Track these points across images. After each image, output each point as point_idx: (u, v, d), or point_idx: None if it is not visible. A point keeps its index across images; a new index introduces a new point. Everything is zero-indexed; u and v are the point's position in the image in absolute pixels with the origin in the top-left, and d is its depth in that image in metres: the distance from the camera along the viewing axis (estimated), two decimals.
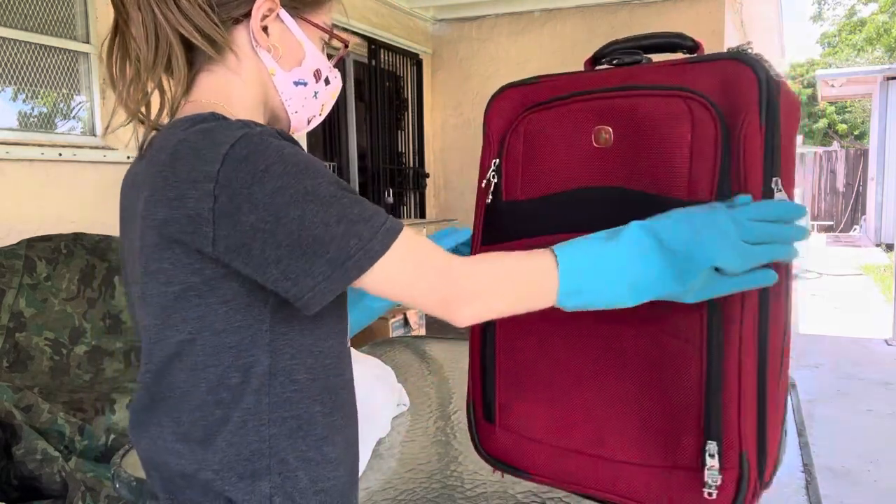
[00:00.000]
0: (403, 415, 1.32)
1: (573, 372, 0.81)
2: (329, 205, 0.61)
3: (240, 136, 0.62)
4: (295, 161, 0.62)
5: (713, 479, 0.70)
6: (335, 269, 0.61)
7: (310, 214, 0.60)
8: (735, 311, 0.69)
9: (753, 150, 0.69)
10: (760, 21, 6.98)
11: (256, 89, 0.77)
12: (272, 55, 0.76)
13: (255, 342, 0.66)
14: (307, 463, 0.70)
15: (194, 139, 0.63)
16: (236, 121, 0.66)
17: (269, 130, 0.65)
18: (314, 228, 0.60)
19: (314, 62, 0.79)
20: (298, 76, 0.78)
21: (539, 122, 0.83)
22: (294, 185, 0.61)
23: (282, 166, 0.61)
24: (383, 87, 5.52)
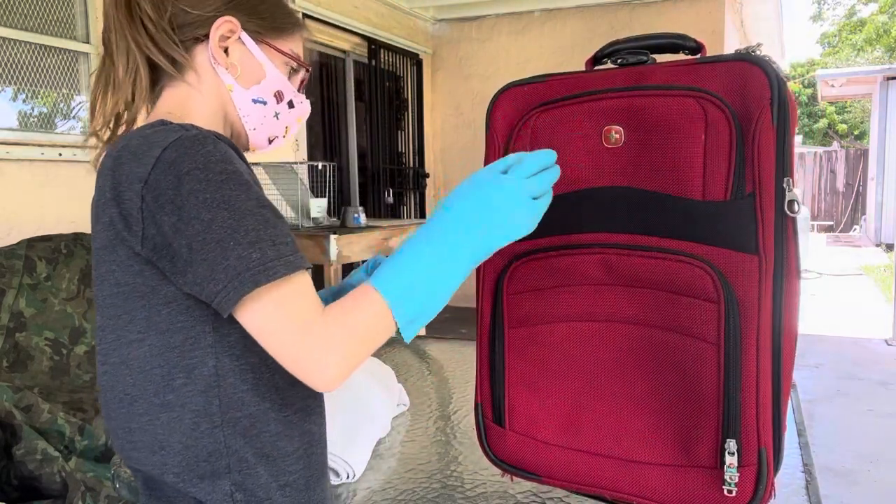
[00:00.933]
0: (403, 415, 1.32)
1: (586, 372, 0.81)
2: (242, 216, 0.63)
3: (174, 139, 0.65)
4: (220, 169, 0.64)
5: (732, 477, 0.71)
6: (232, 279, 0.61)
7: (219, 220, 0.62)
8: (752, 309, 0.70)
9: (767, 150, 0.70)
10: (760, 21, 6.98)
11: (215, 103, 0.81)
12: (231, 73, 0.80)
13: (199, 343, 0.68)
14: (265, 459, 0.71)
15: (136, 143, 0.67)
16: (178, 125, 0.68)
17: (208, 135, 0.67)
18: (220, 233, 0.62)
19: (275, 84, 0.83)
20: (257, 94, 0.82)
21: (547, 121, 0.83)
22: (211, 191, 0.63)
23: (203, 172, 0.63)
24: (383, 87, 5.52)
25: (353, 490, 1.01)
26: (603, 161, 0.79)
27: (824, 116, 20.77)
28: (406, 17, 5.84)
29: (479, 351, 0.89)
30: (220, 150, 0.66)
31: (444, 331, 5.30)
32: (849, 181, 14.86)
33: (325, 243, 3.35)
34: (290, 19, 0.86)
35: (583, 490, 0.83)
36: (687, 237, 0.73)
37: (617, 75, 0.80)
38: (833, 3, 20.78)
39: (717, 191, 0.72)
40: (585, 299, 0.80)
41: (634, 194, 0.76)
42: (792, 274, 0.71)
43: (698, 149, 0.73)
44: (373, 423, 1.17)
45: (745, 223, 0.71)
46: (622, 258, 0.77)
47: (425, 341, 1.91)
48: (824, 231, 14.61)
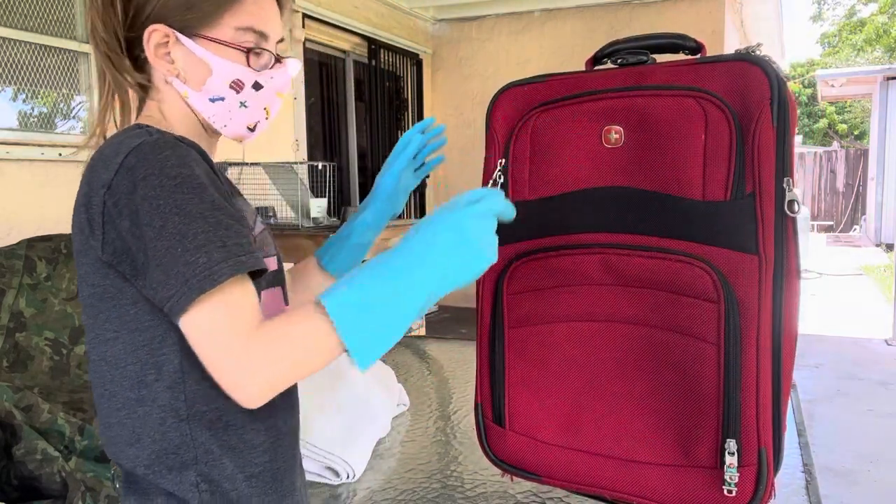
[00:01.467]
0: (403, 415, 1.32)
1: (586, 372, 0.81)
2: (191, 220, 0.63)
3: (135, 145, 0.67)
4: (174, 174, 0.65)
5: (732, 477, 0.71)
6: (181, 286, 0.61)
7: (170, 226, 0.63)
8: (752, 309, 0.70)
9: (767, 150, 0.70)
10: (760, 21, 6.98)
11: (180, 112, 0.80)
12: (180, 79, 0.78)
13: (165, 341, 0.69)
14: (231, 451, 0.73)
15: (107, 150, 0.69)
16: (146, 129, 0.70)
17: (168, 140, 0.68)
18: (170, 240, 0.62)
19: (226, 75, 0.79)
20: (211, 93, 0.79)
21: (547, 121, 0.83)
22: (164, 196, 0.63)
23: (158, 178, 0.64)
24: (383, 87, 5.52)
25: (353, 490, 1.01)
26: (603, 161, 0.79)
27: (824, 116, 20.76)
28: (406, 17, 5.84)
29: (479, 351, 0.89)
30: (178, 155, 0.66)
31: (444, 331, 5.30)
32: (849, 181, 14.86)
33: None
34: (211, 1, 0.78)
35: (583, 490, 0.83)
36: (687, 237, 0.73)
37: (617, 75, 0.80)
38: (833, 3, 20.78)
39: (717, 191, 0.72)
40: (585, 299, 0.80)
41: (634, 194, 0.76)
42: (792, 274, 0.71)
43: (698, 149, 0.73)
44: (373, 423, 1.17)
45: (745, 223, 0.71)
46: (622, 258, 0.77)
47: (425, 341, 1.91)
48: (824, 231, 14.61)
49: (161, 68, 0.78)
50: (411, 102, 6.00)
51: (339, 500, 0.98)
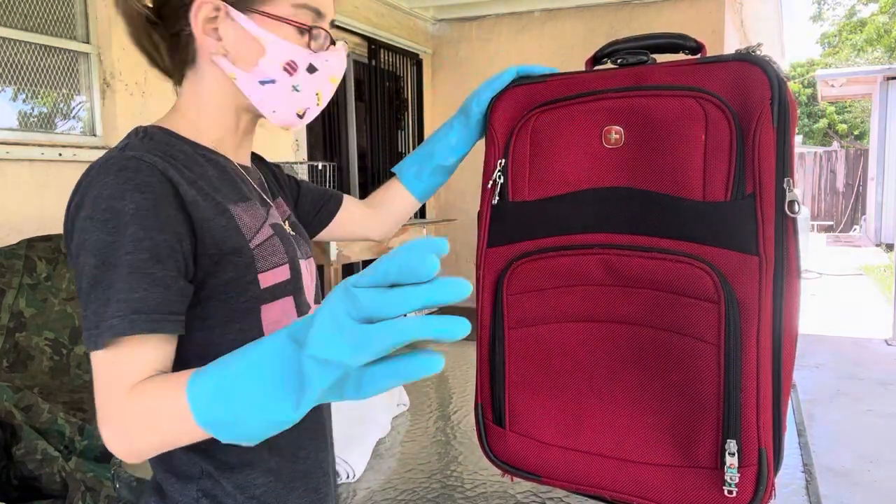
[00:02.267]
0: (403, 415, 1.31)
1: (586, 373, 0.81)
2: (106, 267, 0.61)
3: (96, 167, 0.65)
4: (104, 206, 0.62)
5: (732, 478, 0.71)
6: (89, 329, 0.61)
7: (88, 268, 0.61)
8: (752, 310, 0.70)
9: (768, 150, 0.70)
10: (760, 21, 6.98)
11: (222, 94, 0.74)
12: (229, 59, 0.72)
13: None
14: (230, 471, 0.71)
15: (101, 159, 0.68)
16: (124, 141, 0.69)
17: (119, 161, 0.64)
18: (88, 281, 0.62)
19: (280, 56, 0.72)
20: (262, 75, 0.72)
21: (547, 121, 0.83)
22: (89, 232, 0.62)
23: (90, 210, 0.63)
24: (383, 87, 5.52)
25: (353, 490, 1.01)
26: (603, 161, 0.79)
27: (824, 116, 20.76)
28: (406, 17, 5.84)
29: (479, 351, 0.89)
30: (120, 181, 0.63)
31: None
32: (849, 181, 14.85)
33: (324, 243, 3.35)
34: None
35: (583, 490, 0.83)
36: (687, 237, 0.73)
37: (617, 75, 0.80)
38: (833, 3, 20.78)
39: (718, 191, 0.72)
40: (586, 300, 0.80)
41: (634, 195, 0.76)
42: (792, 274, 0.71)
43: (698, 149, 0.73)
44: (373, 423, 1.17)
45: (745, 223, 0.71)
46: (622, 258, 0.77)
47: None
48: (824, 231, 14.61)
49: (208, 46, 0.71)
50: (411, 102, 6.00)
51: (339, 500, 0.98)
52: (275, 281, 0.73)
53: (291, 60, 0.73)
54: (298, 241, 0.83)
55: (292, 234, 0.82)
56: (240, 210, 0.72)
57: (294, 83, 0.74)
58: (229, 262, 0.68)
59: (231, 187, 0.74)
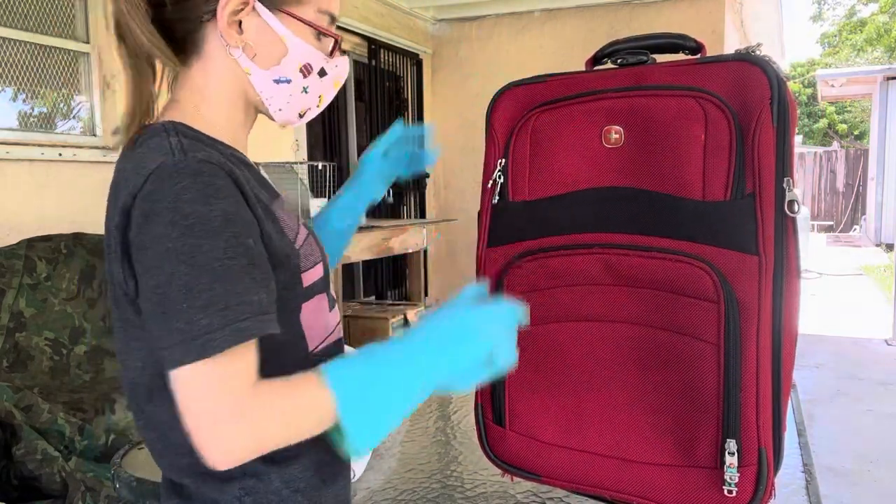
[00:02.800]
0: None
1: (586, 373, 0.81)
2: (200, 272, 0.58)
3: (154, 168, 0.61)
4: (188, 211, 0.59)
5: (732, 477, 0.71)
6: (179, 343, 0.58)
7: (177, 277, 0.58)
8: (752, 310, 0.70)
9: (768, 150, 0.70)
10: (760, 21, 6.98)
11: (232, 88, 0.73)
12: (246, 53, 0.71)
13: None
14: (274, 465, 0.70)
15: (131, 166, 0.64)
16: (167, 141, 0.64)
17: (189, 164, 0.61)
18: (176, 291, 0.58)
19: (300, 57, 0.73)
20: (279, 74, 0.73)
21: (547, 121, 0.83)
22: (173, 239, 0.58)
23: (170, 214, 0.59)
24: (383, 87, 5.52)
25: (353, 490, 1.01)
26: (603, 161, 0.79)
27: (824, 116, 20.76)
28: (406, 17, 5.84)
29: None
30: (199, 185, 0.60)
31: None
32: (849, 181, 14.86)
33: None
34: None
35: (583, 490, 0.83)
36: (687, 237, 0.73)
37: (617, 75, 0.80)
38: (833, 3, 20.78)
39: (717, 191, 0.72)
40: (586, 299, 0.80)
41: (634, 194, 0.76)
42: (792, 274, 0.71)
43: (698, 149, 0.73)
44: None
45: (745, 223, 0.71)
46: (622, 258, 0.77)
47: None
48: (824, 231, 14.61)
49: (229, 38, 0.70)
50: (411, 102, 6.00)
51: None
52: (314, 279, 0.74)
53: (308, 63, 0.74)
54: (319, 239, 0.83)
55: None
56: (280, 211, 0.73)
57: (305, 85, 0.75)
58: (282, 264, 0.68)
59: (263, 187, 0.73)
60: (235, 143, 0.75)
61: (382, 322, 3.82)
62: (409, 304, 4.33)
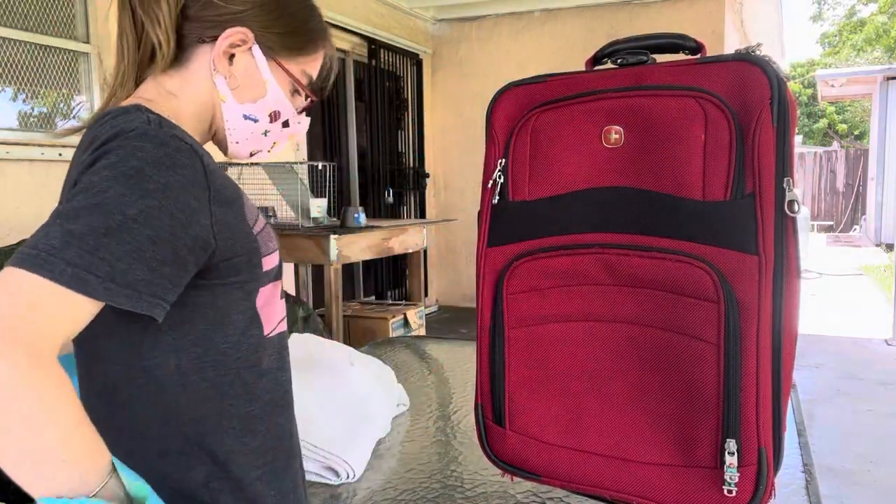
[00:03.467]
0: (403, 415, 1.31)
1: (586, 372, 0.81)
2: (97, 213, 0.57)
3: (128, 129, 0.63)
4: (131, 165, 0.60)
5: (732, 477, 0.71)
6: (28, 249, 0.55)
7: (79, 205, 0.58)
8: (752, 310, 0.70)
9: (768, 150, 0.70)
10: (760, 21, 6.97)
11: (202, 108, 0.78)
12: (229, 84, 0.76)
13: (158, 344, 0.68)
14: (233, 454, 0.72)
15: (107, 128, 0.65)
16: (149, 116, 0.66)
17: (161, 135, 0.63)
18: (66, 213, 0.57)
19: (274, 104, 0.80)
20: (250, 112, 0.79)
21: (547, 121, 0.83)
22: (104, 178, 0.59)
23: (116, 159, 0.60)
24: (383, 87, 5.52)
25: (353, 490, 1.01)
26: (603, 161, 0.79)
27: (824, 116, 20.77)
28: (406, 17, 5.84)
29: (480, 351, 0.89)
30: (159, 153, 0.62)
31: (444, 331, 5.30)
32: (849, 181, 14.86)
33: (325, 243, 3.35)
34: (309, 38, 0.81)
35: (583, 490, 0.83)
36: (687, 237, 0.73)
37: (617, 75, 0.80)
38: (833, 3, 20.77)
39: (717, 191, 0.72)
40: (585, 299, 0.80)
41: (634, 194, 0.76)
42: (792, 274, 0.71)
43: (698, 149, 0.73)
44: (373, 423, 1.17)
45: (745, 223, 0.71)
46: (622, 258, 0.77)
47: (425, 341, 1.91)
48: (824, 231, 14.61)
49: (219, 66, 0.76)
50: (411, 102, 6.00)
51: (339, 500, 0.98)
52: (271, 265, 0.77)
53: (278, 111, 0.81)
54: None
55: None
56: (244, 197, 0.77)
57: (267, 129, 0.81)
58: (242, 247, 0.71)
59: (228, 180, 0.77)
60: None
61: (382, 322, 3.82)
62: (409, 304, 4.33)
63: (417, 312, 4.08)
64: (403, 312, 3.96)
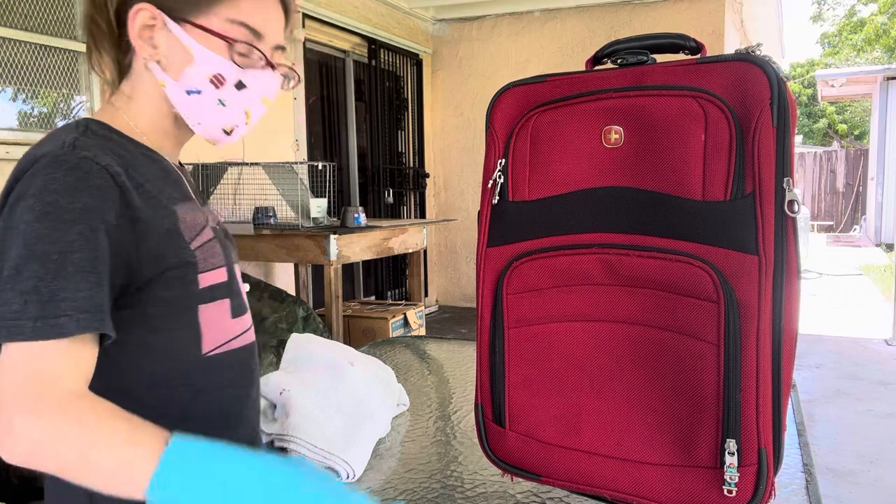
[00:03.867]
0: (403, 415, 1.32)
1: (586, 373, 0.81)
2: (32, 259, 0.59)
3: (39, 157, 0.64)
4: (48, 201, 0.61)
5: (732, 477, 0.71)
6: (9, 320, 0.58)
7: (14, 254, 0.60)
8: (752, 310, 0.70)
9: (768, 150, 0.70)
10: (760, 21, 6.98)
11: (156, 101, 0.76)
12: (162, 66, 0.74)
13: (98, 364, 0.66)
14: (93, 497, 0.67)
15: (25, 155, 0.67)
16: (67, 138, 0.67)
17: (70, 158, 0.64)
18: (5, 271, 0.60)
19: (207, 67, 0.74)
20: (189, 85, 0.74)
21: (547, 121, 0.83)
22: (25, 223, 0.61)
23: (33, 200, 0.61)
24: (383, 87, 5.52)
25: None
26: (603, 161, 0.79)
27: (824, 116, 20.77)
28: (406, 17, 5.84)
29: (479, 351, 0.89)
30: (71, 179, 0.63)
31: (444, 331, 5.30)
32: (849, 181, 14.86)
33: (325, 243, 3.35)
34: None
35: (583, 490, 0.83)
36: (687, 237, 0.73)
37: (617, 75, 0.80)
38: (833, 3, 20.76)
39: (717, 191, 0.72)
40: (585, 299, 0.80)
41: (634, 194, 0.76)
42: (792, 274, 0.71)
43: (698, 149, 0.73)
44: (373, 423, 1.17)
45: (744, 223, 0.71)
46: (622, 258, 0.77)
47: (425, 341, 1.91)
48: (824, 231, 14.61)
49: (143, 51, 0.73)
50: (411, 102, 6.00)
51: None
52: (213, 282, 0.75)
53: (218, 73, 0.74)
54: (229, 247, 0.84)
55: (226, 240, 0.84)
56: (184, 210, 0.74)
57: (220, 97, 0.75)
58: (172, 262, 0.70)
59: (174, 187, 0.76)
60: (161, 149, 0.78)
61: (382, 322, 3.82)
62: (409, 303, 4.33)
63: (417, 312, 4.08)
64: (403, 312, 3.96)
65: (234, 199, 3.63)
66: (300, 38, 4.49)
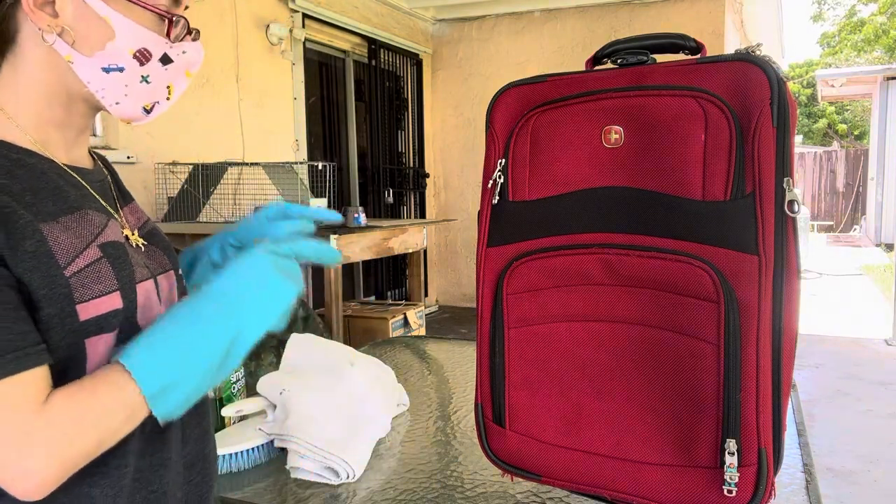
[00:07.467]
0: (403, 415, 1.31)
1: (586, 372, 0.81)
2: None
3: None
4: None
5: (732, 477, 0.71)
6: None
7: None
8: (752, 309, 0.70)
9: (768, 150, 0.70)
10: (760, 21, 6.98)
11: (47, 81, 0.64)
12: (65, 39, 0.62)
13: None
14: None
15: None
16: None
17: None
18: None
19: (132, 42, 0.64)
20: (108, 61, 0.64)
21: (547, 121, 0.83)
22: None
23: None
24: (383, 87, 5.52)
25: (353, 490, 1.01)
26: (603, 161, 0.79)
27: (824, 116, 20.77)
28: (406, 17, 5.84)
29: (479, 351, 0.89)
30: None
31: (444, 331, 5.30)
32: (849, 181, 14.86)
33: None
34: None
35: (583, 490, 0.83)
36: (687, 237, 0.73)
37: (617, 75, 0.80)
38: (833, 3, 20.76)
39: (717, 191, 0.72)
40: (585, 299, 0.80)
41: (634, 194, 0.76)
42: (792, 274, 0.71)
43: (698, 148, 0.73)
44: (373, 423, 1.17)
45: (745, 223, 0.71)
46: (622, 258, 0.77)
47: (425, 341, 1.91)
48: (824, 231, 14.62)
49: (39, 22, 0.61)
50: (411, 102, 6.00)
51: (339, 500, 0.98)
52: (99, 312, 0.62)
53: (144, 48, 0.65)
54: (154, 254, 0.74)
55: (144, 246, 0.72)
56: (58, 228, 0.60)
57: (144, 73, 0.66)
58: (40, 294, 0.58)
59: (52, 198, 0.62)
60: (45, 145, 0.66)
61: (382, 322, 3.82)
62: (409, 303, 4.33)
63: (417, 312, 4.08)
64: (403, 312, 3.96)
65: (233, 200, 3.63)
66: (300, 39, 4.49)
